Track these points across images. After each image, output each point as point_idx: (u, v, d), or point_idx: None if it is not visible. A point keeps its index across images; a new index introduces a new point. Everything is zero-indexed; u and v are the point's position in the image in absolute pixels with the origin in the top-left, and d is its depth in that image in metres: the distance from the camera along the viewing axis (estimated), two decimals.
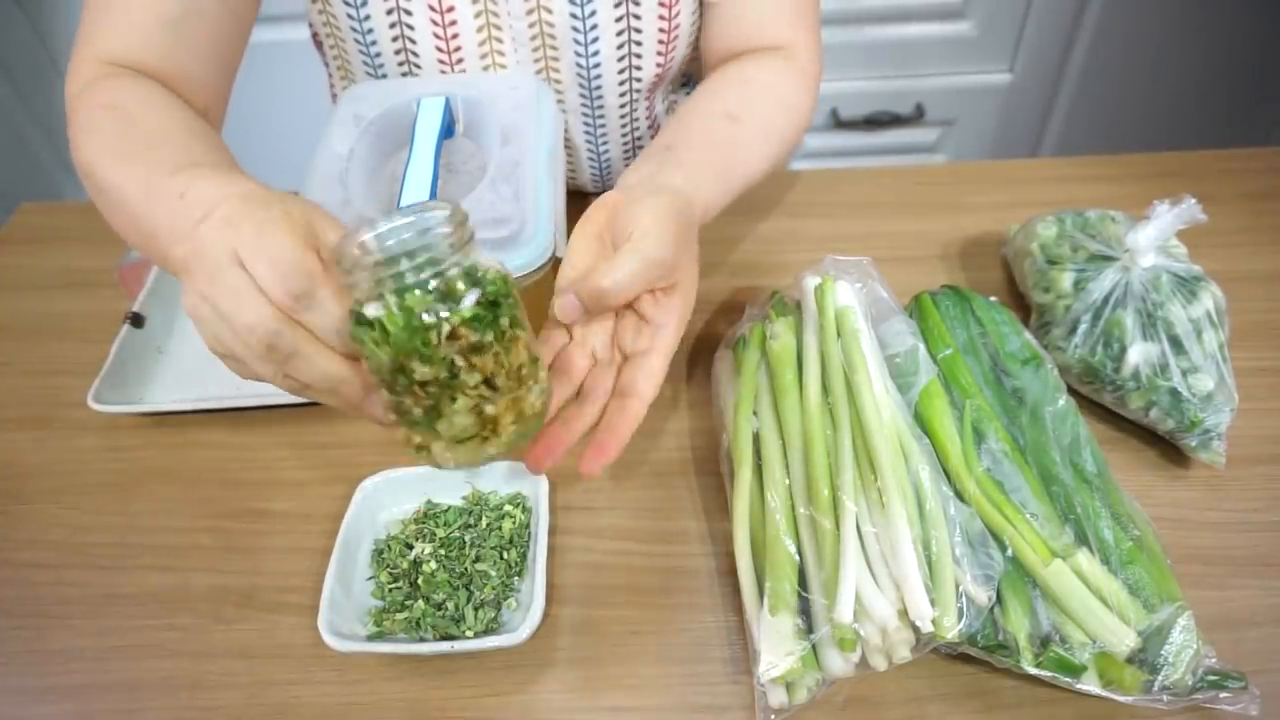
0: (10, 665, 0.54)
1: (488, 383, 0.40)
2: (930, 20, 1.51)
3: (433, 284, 0.38)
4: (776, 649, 0.47)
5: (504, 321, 0.40)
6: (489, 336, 0.39)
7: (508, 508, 0.58)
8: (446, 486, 0.59)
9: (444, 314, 0.38)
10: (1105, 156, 0.87)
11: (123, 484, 0.63)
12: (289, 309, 0.39)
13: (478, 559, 0.55)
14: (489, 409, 0.41)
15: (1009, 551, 0.50)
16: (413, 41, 0.68)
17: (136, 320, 0.70)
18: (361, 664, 0.53)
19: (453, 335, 0.38)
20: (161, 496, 0.62)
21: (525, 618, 0.50)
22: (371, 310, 0.38)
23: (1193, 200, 0.60)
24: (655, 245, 0.48)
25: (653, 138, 0.80)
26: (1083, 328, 0.62)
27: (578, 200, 0.84)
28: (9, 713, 0.52)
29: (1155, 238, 0.61)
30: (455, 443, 0.41)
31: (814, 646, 0.47)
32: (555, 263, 0.57)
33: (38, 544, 0.60)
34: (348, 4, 0.67)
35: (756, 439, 0.57)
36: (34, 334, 0.75)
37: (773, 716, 0.47)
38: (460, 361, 0.39)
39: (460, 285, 0.39)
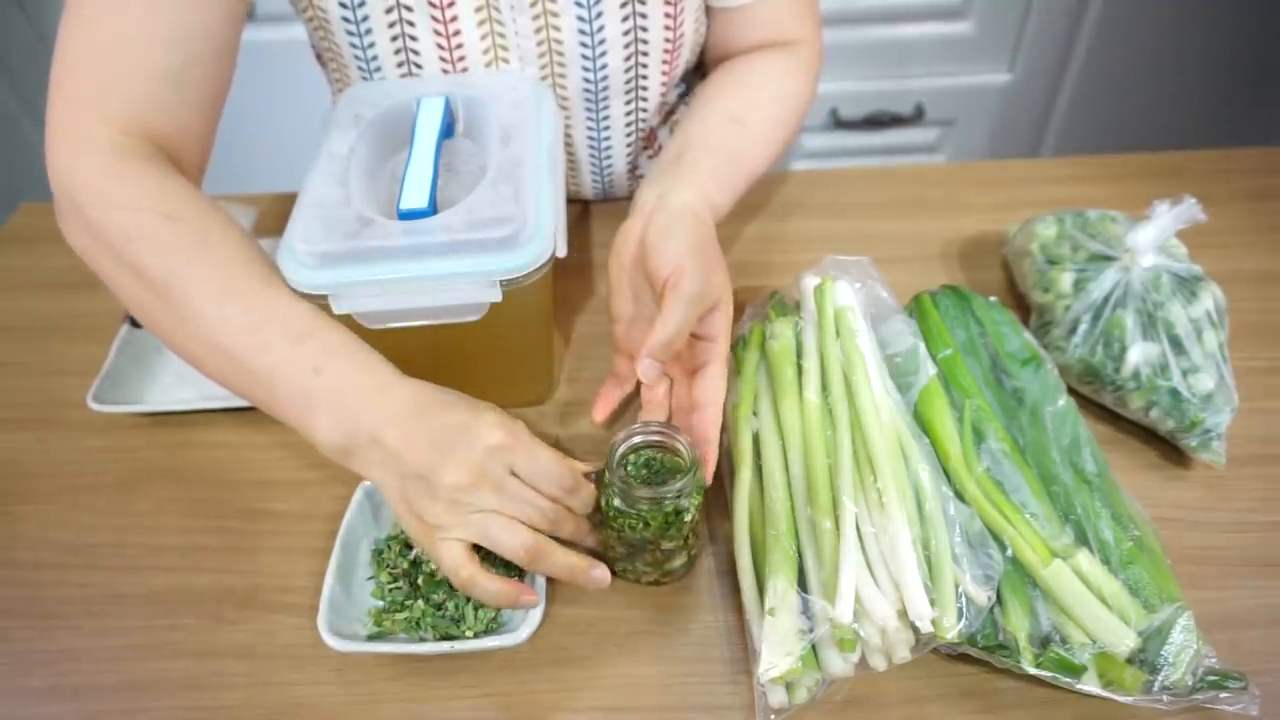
0: (13, 665, 0.54)
1: (693, 531, 0.53)
2: (930, 20, 1.50)
3: (676, 491, 0.50)
4: (776, 649, 0.47)
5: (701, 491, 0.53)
6: (699, 500, 0.52)
7: None
8: None
9: (685, 505, 0.51)
10: (1105, 156, 0.87)
11: (123, 484, 0.63)
12: (561, 499, 0.51)
13: None
14: (694, 548, 0.55)
15: (1009, 551, 0.50)
16: (418, 66, 0.68)
17: (136, 320, 0.70)
18: (361, 664, 0.53)
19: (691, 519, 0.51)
20: (162, 497, 0.62)
21: (525, 618, 0.51)
22: (625, 503, 0.51)
23: (1193, 200, 0.60)
24: (693, 282, 0.55)
25: (647, 144, 0.80)
26: (1083, 328, 0.62)
27: (579, 207, 0.84)
28: (12, 713, 0.52)
29: (1155, 238, 0.61)
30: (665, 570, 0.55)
31: (814, 646, 0.48)
32: (555, 262, 0.57)
33: (39, 544, 0.60)
34: (350, 34, 0.66)
35: (756, 439, 0.57)
36: (34, 334, 0.75)
37: (772, 716, 0.47)
38: (688, 533, 0.52)
39: (680, 482, 0.50)
